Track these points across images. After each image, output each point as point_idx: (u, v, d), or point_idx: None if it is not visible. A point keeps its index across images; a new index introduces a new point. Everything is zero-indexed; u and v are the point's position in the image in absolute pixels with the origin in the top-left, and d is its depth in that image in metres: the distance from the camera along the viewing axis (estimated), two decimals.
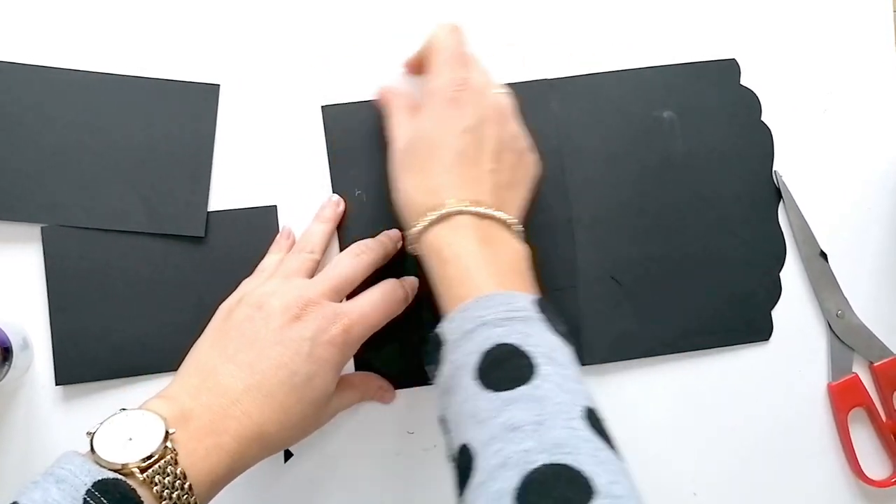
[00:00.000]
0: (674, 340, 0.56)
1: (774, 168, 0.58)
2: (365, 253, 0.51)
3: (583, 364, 0.55)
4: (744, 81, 0.58)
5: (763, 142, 0.58)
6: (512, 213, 0.48)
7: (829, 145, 0.59)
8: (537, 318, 0.42)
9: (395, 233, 0.54)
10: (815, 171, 0.58)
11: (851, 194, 0.59)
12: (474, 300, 0.42)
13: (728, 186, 0.57)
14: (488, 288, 0.43)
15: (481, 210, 0.46)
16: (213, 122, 0.55)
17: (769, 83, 0.58)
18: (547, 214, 0.56)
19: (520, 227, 0.48)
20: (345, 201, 0.55)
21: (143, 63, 0.55)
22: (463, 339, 0.42)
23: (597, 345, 0.56)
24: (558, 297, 0.56)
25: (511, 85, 0.55)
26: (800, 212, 0.58)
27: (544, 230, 0.56)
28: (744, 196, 0.57)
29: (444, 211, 0.46)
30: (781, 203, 0.58)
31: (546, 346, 0.41)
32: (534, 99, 0.56)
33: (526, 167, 0.50)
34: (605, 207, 0.57)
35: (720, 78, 0.58)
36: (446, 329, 0.43)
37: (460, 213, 0.46)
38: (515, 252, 0.47)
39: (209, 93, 0.55)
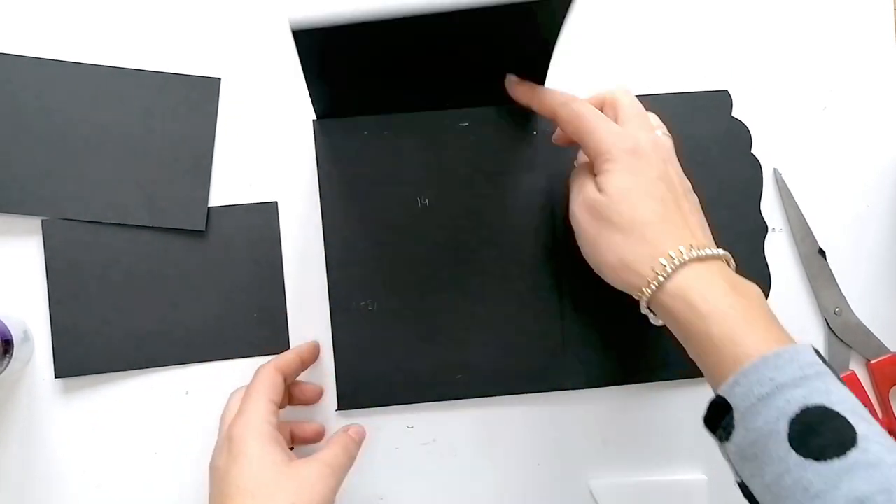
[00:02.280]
0: (655, 371, 0.57)
1: (774, 166, 0.58)
2: None
3: (561, 389, 0.56)
4: (736, 114, 0.58)
5: (752, 174, 0.58)
6: (718, 249, 0.46)
7: (828, 143, 0.59)
8: (827, 371, 0.40)
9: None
10: (814, 169, 0.58)
11: (850, 192, 0.59)
12: (760, 360, 0.40)
13: (716, 218, 0.56)
14: (765, 344, 0.41)
15: (711, 253, 0.45)
16: (213, 115, 0.55)
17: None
18: (535, 237, 0.56)
19: (733, 263, 0.47)
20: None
21: (145, 56, 0.55)
22: (760, 405, 0.39)
23: (574, 370, 0.56)
24: (541, 322, 0.56)
25: (498, 110, 0.55)
26: (798, 209, 0.58)
27: (531, 254, 0.56)
28: (732, 228, 0.57)
29: (677, 262, 0.44)
30: (771, 231, 0.58)
31: (849, 401, 0.39)
32: (521, 125, 0.55)
33: (697, 204, 0.49)
34: None
35: (712, 109, 0.58)
36: (734, 394, 0.40)
37: (695, 260, 0.44)
38: (757, 292, 0.45)
39: (210, 86, 0.55)
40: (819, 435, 0.38)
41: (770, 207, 0.58)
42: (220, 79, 0.55)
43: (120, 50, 0.55)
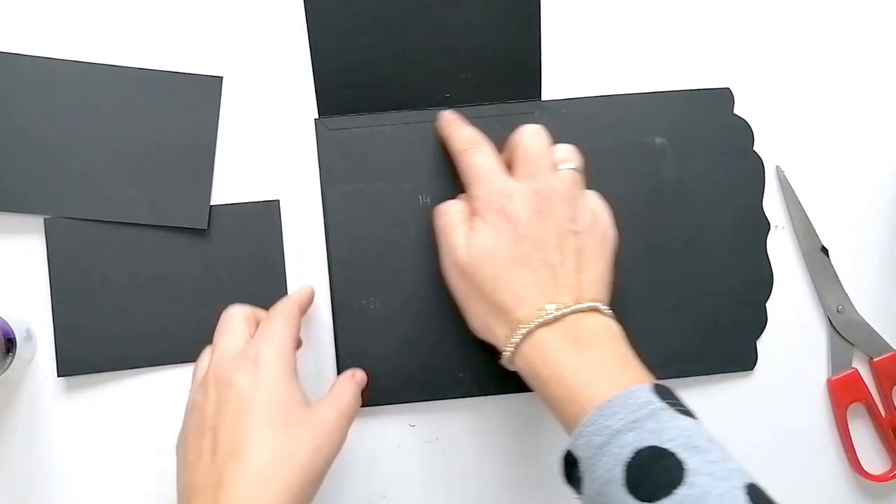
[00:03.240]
0: (655, 368, 0.56)
1: (777, 163, 0.58)
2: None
3: None
4: (737, 111, 0.58)
5: (754, 172, 0.58)
6: (592, 293, 0.47)
7: (831, 140, 0.59)
8: (661, 406, 0.41)
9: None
10: (816, 166, 0.58)
11: (853, 189, 0.59)
12: (596, 410, 0.41)
13: (718, 215, 0.57)
14: (604, 393, 0.42)
15: (561, 312, 0.45)
16: (215, 114, 0.55)
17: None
18: None
19: (604, 306, 0.47)
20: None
21: (146, 55, 0.55)
22: (599, 454, 0.40)
23: None
24: None
25: (499, 108, 0.55)
26: (801, 206, 0.58)
27: None
28: (733, 225, 0.57)
29: (523, 330, 0.45)
30: (773, 229, 0.58)
31: (682, 435, 0.40)
32: (523, 121, 0.55)
33: (596, 240, 0.49)
34: None
35: (714, 106, 0.57)
36: (577, 446, 0.42)
37: (541, 325, 0.45)
38: (611, 336, 0.46)
39: (212, 85, 0.55)
40: (651, 476, 0.39)
41: (772, 205, 0.58)
42: (221, 77, 0.55)
43: (121, 49, 0.55)
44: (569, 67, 0.57)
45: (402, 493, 0.56)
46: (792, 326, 0.58)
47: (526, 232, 0.47)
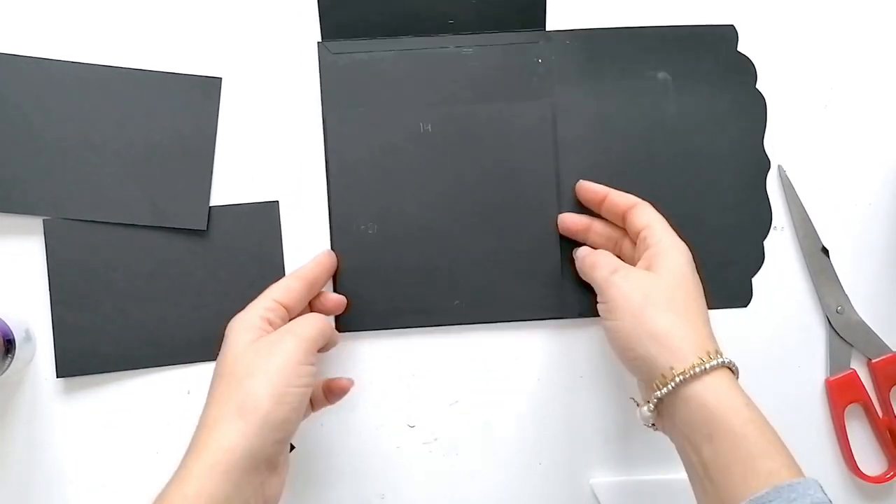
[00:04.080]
0: None
1: (779, 163, 0.58)
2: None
3: (560, 317, 0.56)
4: (741, 48, 0.58)
5: (756, 110, 0.58)
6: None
7: (831, 141, 0.58)
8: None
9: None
10: (817, 167, 0.58)
11: (853, 191, 0.59)
12: (773, 489, 0.41)
13: (717, 151, 0.57)
14: (779, 474, 0.42)
15: (721, 361, 0.45)
16: (215, 115, 0.55)
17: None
18: (536, 166, 0.56)
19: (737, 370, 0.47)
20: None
21: (146, 56, 0.55)
22: None
23: (572, 298, 0.56)
24: (540, 250, 0.56)
25: (503, 37, 0.56)
26: (802, 207, 0.58)
27: (531, 183, 0.56)
28: (732, 162, 0.57)
29: (707, 365, 0.45)
30: (770, 172, 0.58)
31: None
32: (525, 53, 0.56)
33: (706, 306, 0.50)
34: (592, 163, 0.56)
35: (717, 43, 0.57)
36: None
37: (719, 367, 0.45)
38: (758, 412, 0.45)
39: (211, 86, 0.55)
40: None
41: (773, 205, 0.58)
42: (221, 78, 0.55)
43: (120, 50, 0.55)
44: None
45: (401, 494, 0.56)
46: (791, 326, 0.58)
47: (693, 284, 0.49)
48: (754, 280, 0.58)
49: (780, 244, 0.58)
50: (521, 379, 0.57)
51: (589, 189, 0.55)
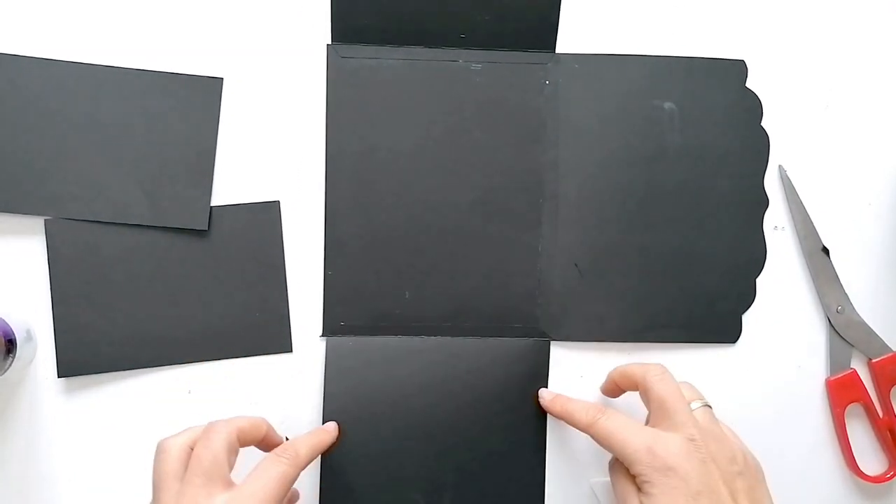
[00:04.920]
0: (642, 330, 0.57)
1: (779, 163, 0.58)
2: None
3: (547, 337, 0.56)
4: (749, 84, 0.58)
5: (760, 147, 0.58)
6: None
7: (833, 141, 0.59)
8: None
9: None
10: (818, 167, 0.58)
11: (854, 191, 0.59)
12: None
13: (718, 186, 0.57)
14: None
15: None
16: (216, 115, 0.55)
17: (773, 84, 0.58)
18: (534, 186, 0.56)
19: None
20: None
21: (147, 56, 0.55)
22: None
23: (563, 321, 0.56)
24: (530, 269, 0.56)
25: (511, 56, 0.56)
26: (803, 206, 0.58)
27: (529, 203, 0.56)
28: (732, 198, 0.57)
29: None
30: (774, 229, 0.58)
31: None
32: (533, 73, 0.56)
33: (759, 477, 0.48)
34: (592, 188, 0.56)
35: (726, 77, 0.57)
36: None
37: None
38: None
39: (212, 86, 0.55)
40: None
41: (774, 205, 0.58)
42: (222, 79, 0.55)
43: (121, 50, 0.55)
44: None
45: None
46: (791, 326, 0.58)
47: (698, 487, 0.45)
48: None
49: (780, 244, 0.58)
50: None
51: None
